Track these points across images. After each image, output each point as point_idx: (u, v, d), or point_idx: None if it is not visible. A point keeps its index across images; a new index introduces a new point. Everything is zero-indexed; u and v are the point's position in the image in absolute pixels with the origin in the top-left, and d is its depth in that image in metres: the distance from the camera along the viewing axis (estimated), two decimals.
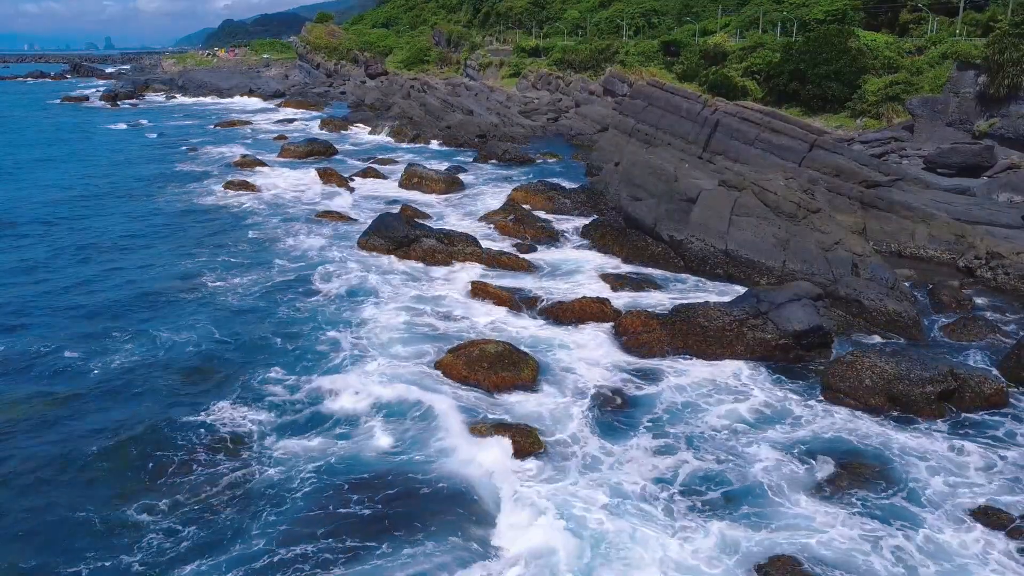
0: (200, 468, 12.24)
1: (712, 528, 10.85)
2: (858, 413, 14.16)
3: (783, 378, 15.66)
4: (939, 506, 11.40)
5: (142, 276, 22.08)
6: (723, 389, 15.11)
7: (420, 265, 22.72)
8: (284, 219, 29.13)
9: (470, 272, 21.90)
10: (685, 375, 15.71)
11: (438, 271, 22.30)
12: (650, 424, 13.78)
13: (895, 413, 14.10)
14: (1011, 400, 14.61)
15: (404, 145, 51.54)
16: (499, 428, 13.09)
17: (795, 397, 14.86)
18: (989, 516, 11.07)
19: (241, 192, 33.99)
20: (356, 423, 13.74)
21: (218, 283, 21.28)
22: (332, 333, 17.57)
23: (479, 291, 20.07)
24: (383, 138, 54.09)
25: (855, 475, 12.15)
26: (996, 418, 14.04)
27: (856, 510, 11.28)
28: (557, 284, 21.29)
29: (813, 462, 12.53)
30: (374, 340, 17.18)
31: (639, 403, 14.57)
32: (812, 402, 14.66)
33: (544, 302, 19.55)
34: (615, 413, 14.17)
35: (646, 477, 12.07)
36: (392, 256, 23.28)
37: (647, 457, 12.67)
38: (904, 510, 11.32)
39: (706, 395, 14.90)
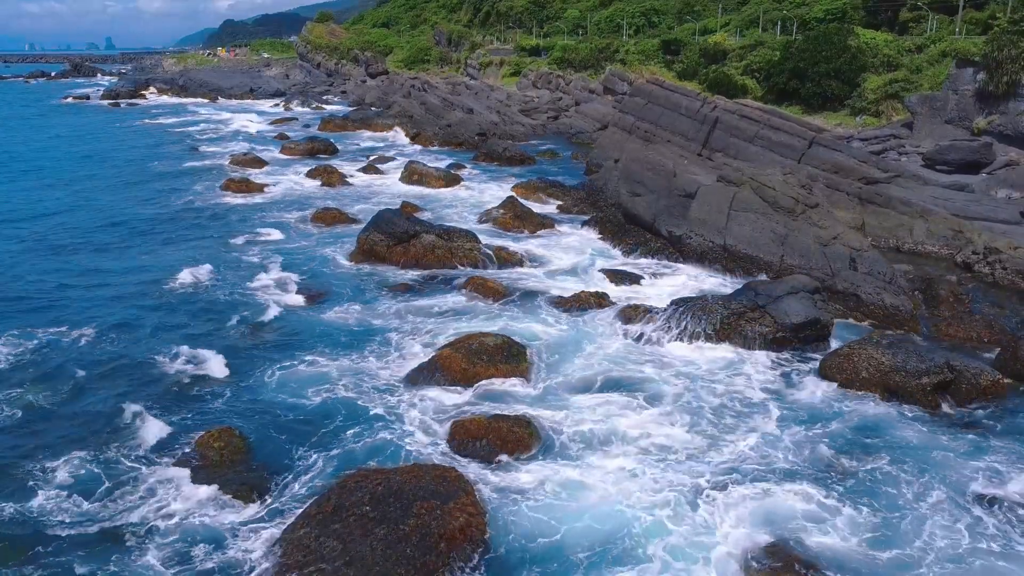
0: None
1: (707, 513, 10.92)
2: (854, 404, 14.23)
3: (780, 370, 15.72)
4: (933, 494, 11.45)
5: (134, 277, 21.93)
6: (720, 381, 15.17)
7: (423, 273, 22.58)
8: (284, 217, 29.18)
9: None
10: (682, 366, 15.77)
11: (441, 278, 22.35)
12: (645, 413, 13.83)
13: (892, 404, 14.17)
14: (1007, 393, 14.66)
15: (404, 143, 51.65)
16: (496, 420, 13.17)
17: (791, 388, 14.93)
18: (983, 504, 11.15)
19: (241, 190, 34.05)
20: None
21: (213, 283, 21.15)
22: (326, 336, 17.65)
23: (477, 286, 20.15)
24: (384, 136, 54.21)
25: (849, 459, 12.25)
26: (992, 409, 14.11)
27: (849, 499, 11.33)
28: (556, 279, 21.38)
29: (807, 452, 12.60)
30: (365, 341, 17.28)
31: (636, 392, 14.64)
32: (808, 393, 14.72)
33: (543, 296, 19.64)
34: (613, 402, 14.23)
35: (639, 462, 12.14)
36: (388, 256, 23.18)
37: (641, 442, 12.74)
38: (900, 498, 11.38)
39: (702, 384, 14.96)
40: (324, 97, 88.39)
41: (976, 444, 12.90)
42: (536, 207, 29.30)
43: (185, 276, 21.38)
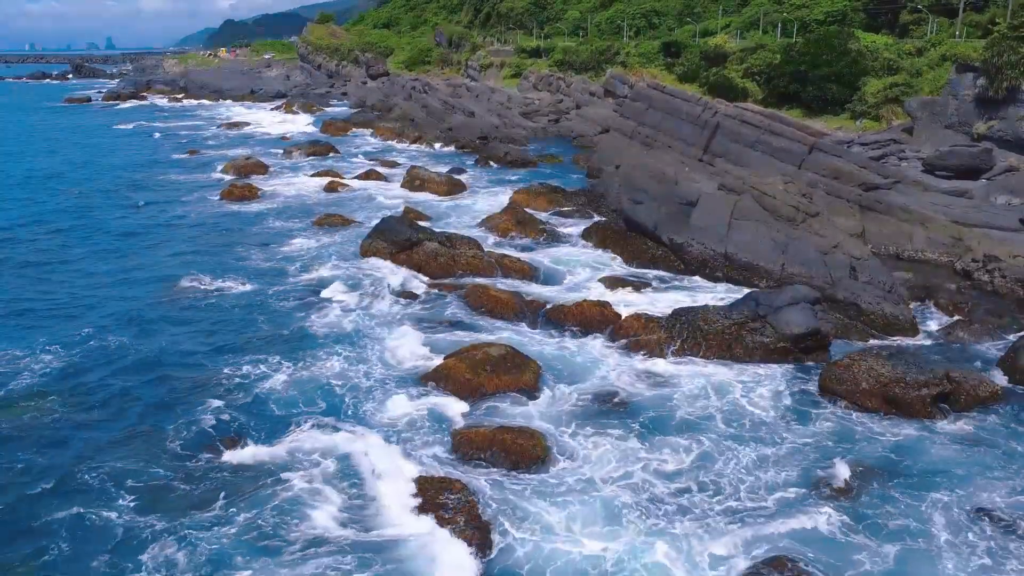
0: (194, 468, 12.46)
1: (710, 529, 11.05)
2: (855, 415, 14.36)
3: (781, 380, 15.83)
4: (936, 507, 11.56)
5: (138, 283, 22.04)
6: (721, 391, 15.29)
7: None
8: (286, 222, 29.30)
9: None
10: (684, 377, 15.90)
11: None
12: (650, 425, 13.96)
13: (892, 415, 14.29)
14: (1008, 401, 14.79)
15: (405, 146, 51.77)
16: (500, 431, 13.29)
17: (792, 400, 15.05)
18: (988, 517, 11.26)
19: (243, 194, 34.11)
20: None
21: (214, 289, 21.21)
22: (331, 341, 17.77)
23: (480, 294, 20.25)
24: (385, 139, 54.33)
25: (853, 476, 12.33)
26: (994, 419, 14.23)
27: (853, 511, 11.45)
28: (558, 287, 21.50)
29: (810, 464, 12.72)
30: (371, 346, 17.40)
31: (638, 405, 14.77)
32: (809, 404, 14.84)
33: (545, 305, 19.75)
34: (615, 414, 14.37)
35: (643, 479, 12.27)
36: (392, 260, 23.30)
37: (645, 457, 12.86)
38: (903, 511, 11.49)
39: (705, 397, 15.08)
40: (325, 99, 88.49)
41: (982, 456, 13.01)
42: (538, 213, 29.40)
43: (187, 282, 21.59)
